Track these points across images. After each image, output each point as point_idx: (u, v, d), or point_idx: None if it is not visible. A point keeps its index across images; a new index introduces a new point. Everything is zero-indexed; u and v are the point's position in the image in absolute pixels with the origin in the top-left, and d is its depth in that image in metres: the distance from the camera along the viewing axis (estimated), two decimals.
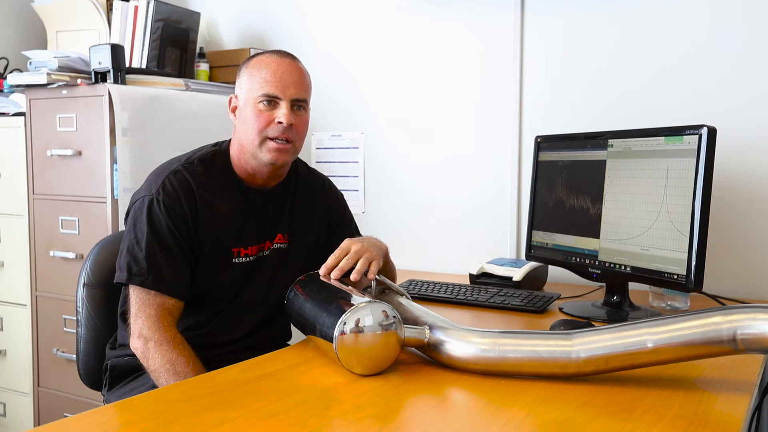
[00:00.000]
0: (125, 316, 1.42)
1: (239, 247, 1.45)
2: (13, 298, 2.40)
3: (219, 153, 1.49)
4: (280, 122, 1.39)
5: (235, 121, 1.47)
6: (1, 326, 2.44)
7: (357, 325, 1.15)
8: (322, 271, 1.36)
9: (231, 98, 1.48)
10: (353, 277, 1.34)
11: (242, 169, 1.47)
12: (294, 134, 1.42)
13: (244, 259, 1.46)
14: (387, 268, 1.48)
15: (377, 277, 1.39)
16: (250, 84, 1.42)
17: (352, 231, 1.68)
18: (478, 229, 2.28)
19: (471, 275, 1.96)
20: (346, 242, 1.40)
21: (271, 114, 1.40)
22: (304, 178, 1.60)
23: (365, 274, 1.35)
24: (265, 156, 1.42)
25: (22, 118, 2.30)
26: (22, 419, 2.41)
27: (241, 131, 1.44)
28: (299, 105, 1.43)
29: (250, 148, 1.43)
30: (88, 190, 2.17)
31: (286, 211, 1.53)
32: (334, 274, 1.33)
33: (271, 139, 1.40)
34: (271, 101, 1.40)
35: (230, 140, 1.52)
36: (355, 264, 1.34)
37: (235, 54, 2.65)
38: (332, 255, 1.38)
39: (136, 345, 1.35)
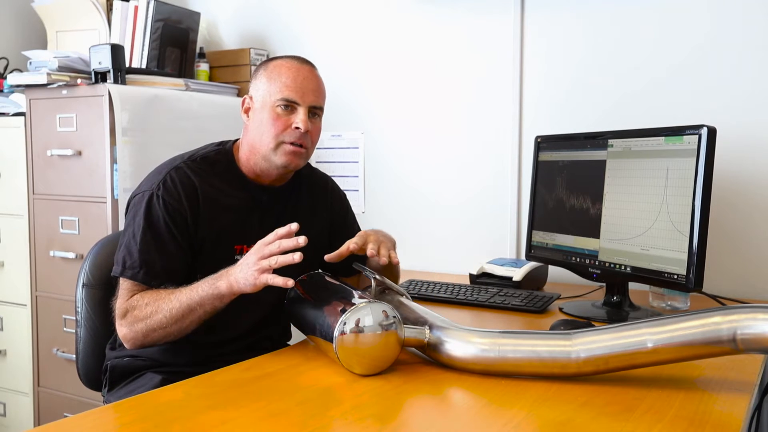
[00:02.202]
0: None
1: (242, 244, 1.45)
2: (13, 298, 2.40)
3: (223, 152, 1.49)
4: (297, 127, 1.40)
5: (247, 122, 1.47)
6: (1, 326, 2.44)
7: (357, 325, 1.15)
8: (350, 247, 1.38)
9: (245, 99, 1.48)
10: (382, 261, 1.37)
11: (250, 169, 1.47)
12: (308, 140, 1.44)
13: None
14: (391, 265, 1.49)
15: (377, 276, 1.40)
16: (269, 87, 1.42)
17: (355, 230, 1.68)
18: (478, 229, 2.28)
19: (471, 275, 1.96)
20: (363, 233, 1.44)
21: (288, 119, 1.41)
22: (307, 177, 1.60)
23: (369, 277, 1.36)
24: (279, 159, 1.42)
25: (22, 118, 2.30)
26: (22, 419, 2.41)
27: (254, 133, 1.44)
28: (315, 112, 1.45)
29: (262, 151, 1.43)
30: (88, 190, 2.17)
31: (289, 209, 1.54)
32: (370, 251, 1.36)
33: (287, 143, 1.41)
34: (290, 106, 1.41)
35: (236, 140, 1.52)
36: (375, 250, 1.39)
37: (235, 54, 2.65)
38: (351, 242, 1.39)
39: (120, 324, 1.35)
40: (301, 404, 1.06)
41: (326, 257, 1.42)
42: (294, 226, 1.25)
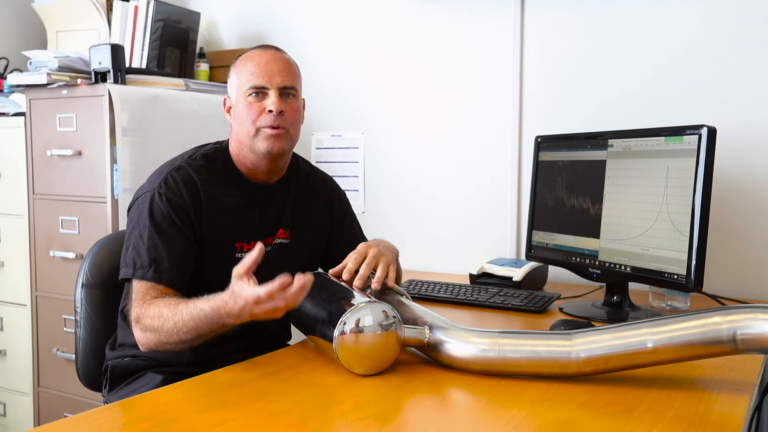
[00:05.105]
0: (126, 314, 1.42)
1: (242, 242, 1.46)
2: (13, 298, 2.40)
3: (221, 149, 1.50)
4: (270, 110, 1.41)
5: (230, 120, 1.49)
6: (1, 326, 2.44)
7: (357, 325, 1.15)
8: (345, 276, 1.36)
9: (225, 99, 1.50)
10: (374, 287, 1.35)
11: (243, 164, 1.48)
12: (287, 121, 1.43)
13: (247, 255, 1.46)
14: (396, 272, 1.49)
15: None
16: (239, 80, 1.45)
17: (355, 230, 1.69)
18: (478, 229, 2.28)
19: (471, 275, 1.96)
20: (363, 246, 1.42)
21: (261, 104, 1.42)
22: (306, 175, 1.60)
23: (372, 275, 1.36)
24: (261, 145, 1.42)
25: (22, 118, 2.30)
26: (22, 419, 2.41)
27: (236, 127, 1.46)
28: (288, 93, 1.45)
29: (246, 141, 1.44)
30: (88, 190, 2.17)
31: (288, 207, 1.54)
32: (356, 283, 1.33)
33: (264, 127, 1.42)
34: (260, 92, 1.42)
35: (229, 139, 1.52)
36: (373, 268, 1.36)
37: (235, 54, 2.62)
38: (349, 259, 1.38)
39: (136, 330, 1.34)
40: (301, 404, 1.05)
41: (330, 272, 1.41)
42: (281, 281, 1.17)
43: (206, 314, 1.25)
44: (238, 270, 1.19)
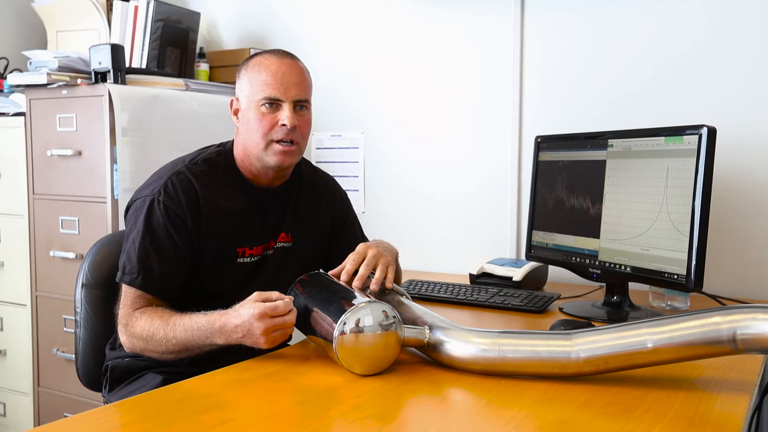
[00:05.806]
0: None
1: (244, 247, 1.45)
2: (13, 298, 2.40)
3: (223, 153, 1.49)
4: (283, 124, 1.39)
5: (237, 123, 1.47)
6: (1, 326, 2.44)
7: (357, 325, 1.15)
8: (343, 277, 1.36)
9: (232, 101, 1.48)
10: (372, 288, 1.35)
11: (247, 170, 1.47)
12: (298, 135, 1.42)
13: (249, 259, 1.46)
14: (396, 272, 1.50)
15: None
16: (251, 87, 1.42)
17: (356, 230, 1.69)
18: (478, 229, 2.28)
19: (471, 275, 1.96)
20: (362, 247, 1.41)
21: (274, 116, 1.40)
22: (308, 177, 1.60)
23: (371, 276, 1.36)
24: (270, 159, 1.42)
25: (22, 118, 2.30)
26: (22, 419, 2.41)
27: (244, 134, 1.44)
28: (301, 105, 1.43)
29: (254, 151, 1.42)
30: (88, 190, 2.17)
31: (290, 210, 1.53)
32: (355, 284, 1.33)
33: (276, 141, 1.40)
34: (273, 103, 1.40)
35: (233, 141, 1.52)
36: (372, 269, 1.36)
37: (235, 54, 2.65)
38: (349, 260, 1.38)
39: (121, 333, 1.37)
40: (301, 404, 1.06)
41: (330, 273, 1.41)
42: (288, 299, 1.26)
43: (200, 326, 1.27)
44: (259, 293, 1.25)
